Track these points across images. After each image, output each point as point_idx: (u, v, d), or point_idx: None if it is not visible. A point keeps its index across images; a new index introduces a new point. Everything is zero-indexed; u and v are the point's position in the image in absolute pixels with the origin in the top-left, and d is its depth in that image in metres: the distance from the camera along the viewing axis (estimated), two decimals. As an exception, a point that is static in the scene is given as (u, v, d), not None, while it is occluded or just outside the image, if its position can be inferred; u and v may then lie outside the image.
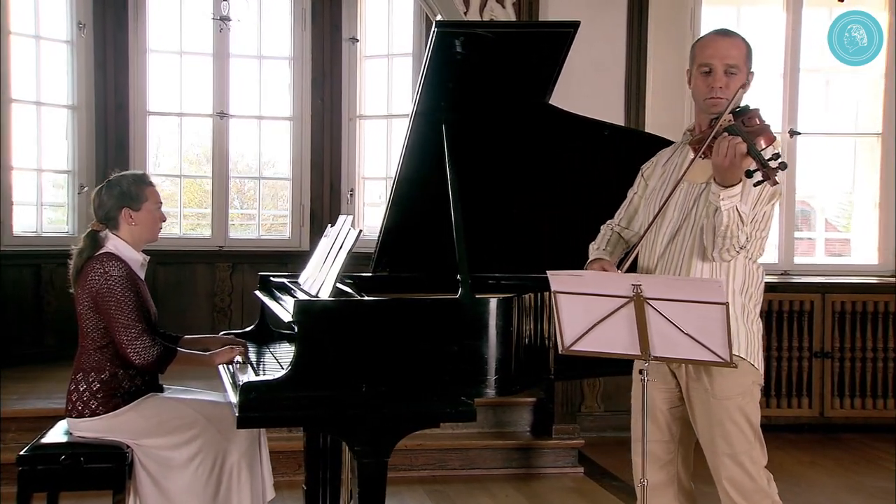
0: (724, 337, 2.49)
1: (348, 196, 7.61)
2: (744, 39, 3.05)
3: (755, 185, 2.66)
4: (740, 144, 2.66)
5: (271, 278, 4.29)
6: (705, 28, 6.88)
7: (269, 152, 7.76)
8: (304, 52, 7.59)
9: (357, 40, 7.56)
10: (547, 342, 3.43)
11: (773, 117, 7.24)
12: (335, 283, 3.36)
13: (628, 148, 4.00)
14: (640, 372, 2.79)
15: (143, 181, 3.68)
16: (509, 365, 3.23)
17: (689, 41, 6.75)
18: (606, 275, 2.77)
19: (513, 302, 3.24)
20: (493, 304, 3.19)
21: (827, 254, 7.68)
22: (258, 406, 3.04)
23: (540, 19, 5.91)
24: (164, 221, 3.74)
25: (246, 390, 3.03)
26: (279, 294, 3.99)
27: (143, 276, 3.65)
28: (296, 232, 7.65)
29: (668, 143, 4.15)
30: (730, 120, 2.79)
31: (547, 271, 2.71)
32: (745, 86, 2.98)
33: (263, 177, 7.77)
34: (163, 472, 3.48)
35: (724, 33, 3.06)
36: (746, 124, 2.76)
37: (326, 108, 7.59)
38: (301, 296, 3.54)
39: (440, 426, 3.32)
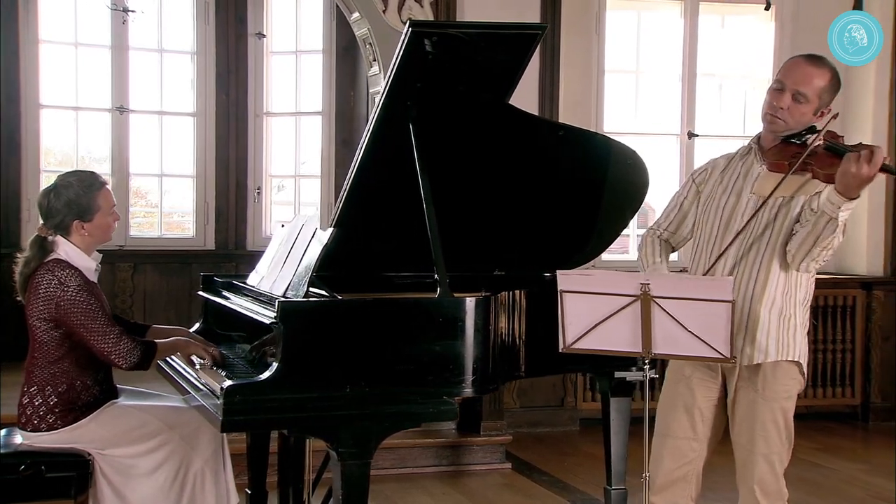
0: (727, 334, 2.59)
1: (255, 194, 7.47)
2: (832, 73, 3.05)
3: None
4: (878, 158, 2.73)
5: (215, 278, 4.20)
6: (610, 31, 7.09)
7: (171, 149, 7.53)
8: (208, 46, 7.41)
9: (263, 35, 7.43)
10: (518, 340, 3.48)
11: (671, 119, 7.55)
12: (307, 284, 3.33)
13: (582, 149, 4.10)
14: (643, 366, 2.85)
15: (93, 186, 3.45)
16: (487, 363, 3.27)
17: (594, 44, 6.95)
18: (615, 274, 2.84)
19: (491, 301, 3.27)
20: (473, 303, 3.21)
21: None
22: (242, 409, 2.97)
23: (457, 20, 5.96)
24: (118, 220, 3.59)
25: (230, 393, 2.96)
26: (230, 294, 3.90)
27: (95, 280, 3.50)
28: (200, 231, 7.47)
29: (623, 147, 4.27)
30: (822, 140, 2.91)
31: (557, 271, 2.76)
32: (820, 114, 3.07)
33: (165, 174, 7.53)
34: (124, 482, 3.36)
35: (813, 60, 3.07)
36: (841, 143, 2.91)
37: (232, 105, 7.43)
38: (272, 296, 3.46)
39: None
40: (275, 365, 3.02)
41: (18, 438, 3.45)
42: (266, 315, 3.21)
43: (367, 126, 3.64)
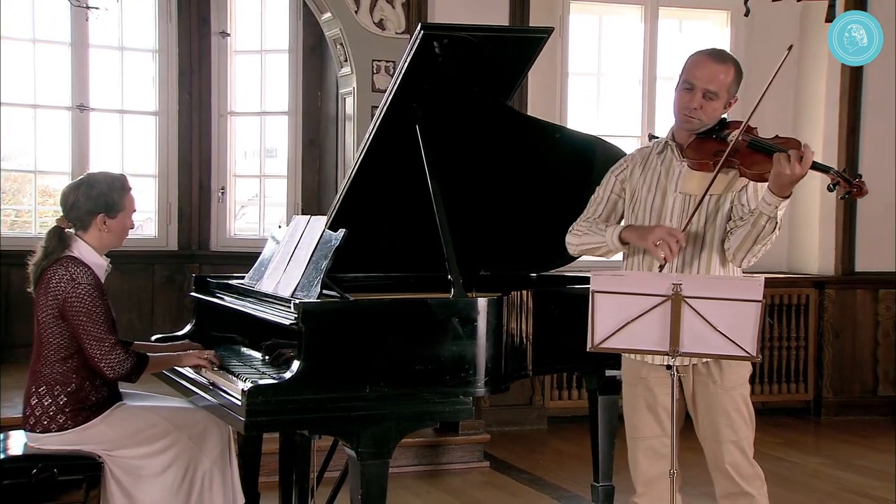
0: (755, 333, 2.67)
1: (219, 194, 7.40)
2: (735, 66, 3.13)
3: (841, 198, 2.89)
4: (808, 157, 2.80)
5: (209, 279, 4.18)
6: (573, 34, 7.19)
7: (133, 148, 7.42)
8: (170, 44, 7.31)
9: (227, 34, 7.35)
10: (525, 340, 3.53)
11: (632, 122, 7.68)
12: (319, 285, 3.33)
13: (575, 150, 4.17)
14: (668, 367, 2.89)
15: (124, 187, 3.51)
16: (500, 362, 3.31)
17: (558, 46, 7.03)
18: (647, 274, 2.89)
19: (503, 301, 3.32)
20: (487, 303, 3.26)
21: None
22: (265, 409, 2.98)
23: (428, 21, 6.00)
24: (133, 228, 3.58)
25: (253, 393, 2.96)
26: (228, 296, 3.88)
27: (103, 279, 3.48)
28: (163, 231, 7.37)
29: (610, 146, 4.34)
30: (744, 138, 2.98)
31: (590, 272, 2.81)
32: (728, 105, 3.15)
33: (126, 173, 7.37)
34: (133, 483, 3.34)
35: (717, 57, 3.13)
36: (761, 137, 2.97)
37: (195, 104, 7.34)
38: (281, 297, 3.45)
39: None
40: (296, 365, 3.03)
41: (19, 441, 3.40)
42: (283, 317, 3.21)
43: (371, 126, 3.65)
